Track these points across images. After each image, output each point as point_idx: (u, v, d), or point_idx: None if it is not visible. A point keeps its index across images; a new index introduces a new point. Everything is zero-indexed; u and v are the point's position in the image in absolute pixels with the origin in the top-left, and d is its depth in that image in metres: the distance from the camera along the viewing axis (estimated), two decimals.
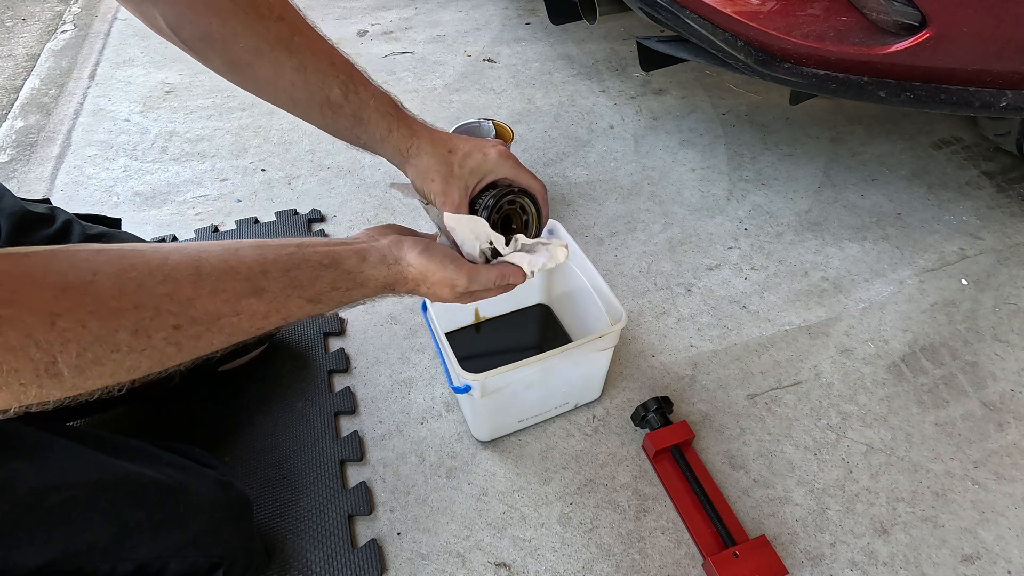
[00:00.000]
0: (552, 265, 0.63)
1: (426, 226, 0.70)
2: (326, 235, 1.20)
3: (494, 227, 0.60)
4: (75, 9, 2.00)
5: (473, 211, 0.61)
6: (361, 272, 0.52)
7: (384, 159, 0.63)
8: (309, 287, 0.49)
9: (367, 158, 1.33)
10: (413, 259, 0.55)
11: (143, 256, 0.41)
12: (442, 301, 0.58)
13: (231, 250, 0.45)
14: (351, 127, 0.60)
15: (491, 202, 0.60)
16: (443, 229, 0.62)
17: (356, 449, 0.87)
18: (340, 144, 0.65)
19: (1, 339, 0.33)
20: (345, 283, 0.51)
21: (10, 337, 0.33)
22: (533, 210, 0.64)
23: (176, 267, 0.42)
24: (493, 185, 0.62)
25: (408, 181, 0.64)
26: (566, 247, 0.64)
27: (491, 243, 0.60)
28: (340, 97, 0.59)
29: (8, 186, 0.76)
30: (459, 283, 0.56)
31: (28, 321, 0.34)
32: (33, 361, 0.34)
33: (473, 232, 0.59)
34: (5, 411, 0.36)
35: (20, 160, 1.37)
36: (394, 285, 0.55)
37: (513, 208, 0.63)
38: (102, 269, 0.38)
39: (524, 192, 0.62)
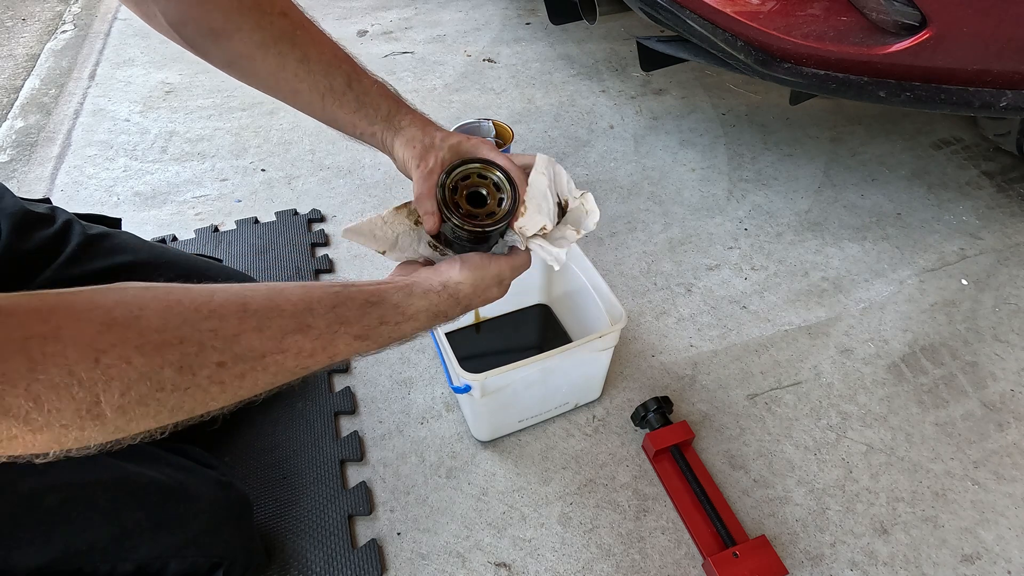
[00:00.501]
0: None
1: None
2: (326, 235, 1.20)
3: (459, 199, 0.57)
4: (75, 9, 2.00)
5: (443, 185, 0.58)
6: (410, 305, 0.52)
7: (382, 155, 0.63)
8: (356, 323, 0.48)
9: (367, 158, 1.33)
10: (457, 276, 0.55)
11: (189, 293, 0.40)
12: (493, 301, 0.59)
13: (276, 289, 0.45)
14: (350, 113, 0.60)
15: (457, 166, 0.57)
16: (430, 244, 0.61)
17: (356, 449, 0.87)
18: (340, 144, 0.65)
19: (44, 376, 0.32)
20: (394, 317, 0.50)
21: (53, 374, 0.32)
22: (508, 187, 0.60)
23: (222, 304, 0.41)
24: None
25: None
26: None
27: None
28: (343, 85, 0.60)
29: (8, 186, 0.76)
30: (504, 273, 0.57)
31: (71, 357, 0.33)
32: (75, 400, 0.33)
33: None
34: (45, 455, 0.35)
35: (20, 160, 1.37)
36: (447, 311, 0.55)
37: (485, 183, 0.59)
38: (148, 305, 0.37)
39: (498, 169, 0.58)
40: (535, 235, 0.59)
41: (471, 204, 0.57)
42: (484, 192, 0.58)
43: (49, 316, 0.33)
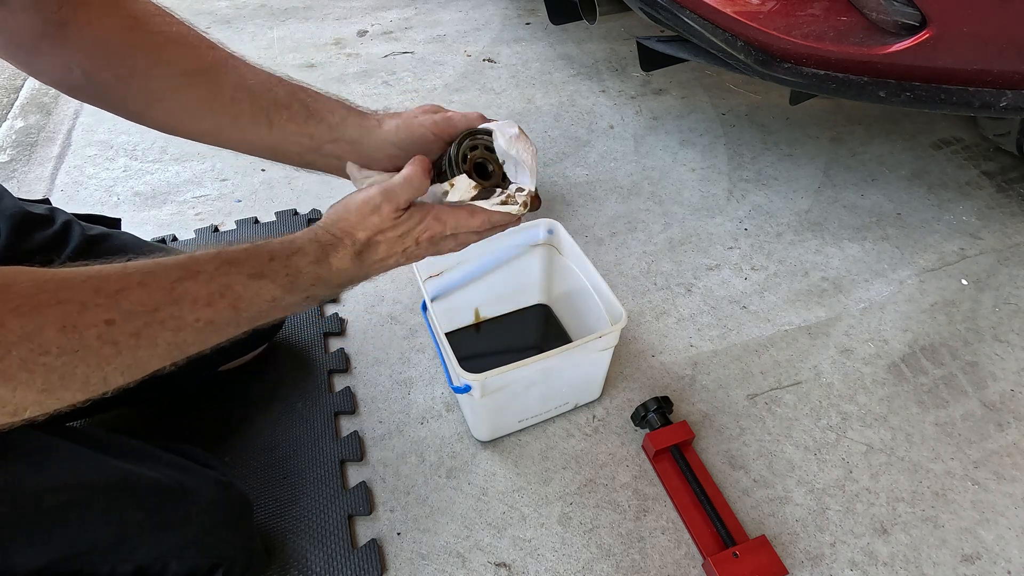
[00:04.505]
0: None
1: None
2: None
3: (467, 168, 0.56)
4: None
5: (440, 169, 0.58)
6: (292, 240, 0.51)
7: (333, 163, 0.61)
8: (244, 262, 0.47)
9: None
10: (329, 212, 0.53)
11: (65, 268, 0.39)
12: (401, 247, 0.54)
13: (155, 259, 0.44)
14: (302, 123, 0.58)
15: (461, 140, 0.56)
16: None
17: (356, 449, 0.87)
18: None
19: None
20: (281, 251, 0.49)
21: None
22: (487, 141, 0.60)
23: (102, 268, 0.40)
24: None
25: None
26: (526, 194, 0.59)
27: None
28: (287, 95, 0.58)
29: (8, 186, 0.76)
30: (375, 199, 0.51)
31: None
32: None
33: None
34: None
35: (20, 160, 1.37)
36: (332, 244, 0.51)
37: (492, 156, 0.59)
38: (20, 274, 0.36)
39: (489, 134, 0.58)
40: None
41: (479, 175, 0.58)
42: (490, 167, 0.59)
43: None
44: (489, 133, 0.58)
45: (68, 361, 0.36)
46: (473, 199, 0.57)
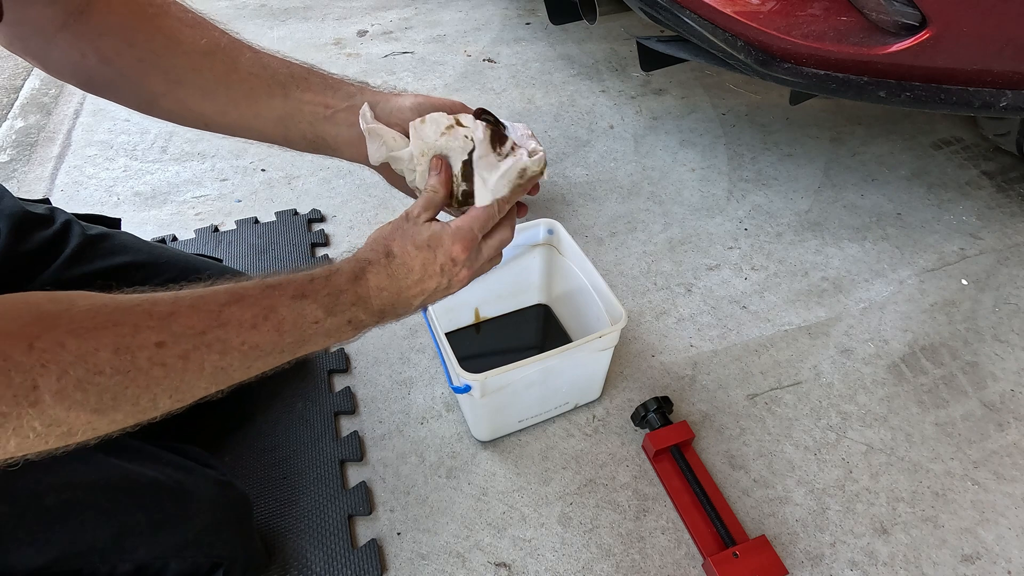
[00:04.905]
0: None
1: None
2: (326, 235, 1.20)
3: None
4: None
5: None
6: (332, 263, 0.52)
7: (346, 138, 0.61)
8: (287, 285, 0.47)
9: None
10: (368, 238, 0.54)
11: (120, 293, 0.41)
12: (429, 254, 0.53)
13: (205, 285, 0.45)
14: (318, 92, 0.58)
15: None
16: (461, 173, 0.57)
17: (356, 449, 0.87)
18: None
19: None
20: (322, 273, 0.50)
21: None
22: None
23: (153, 294, 0.41)
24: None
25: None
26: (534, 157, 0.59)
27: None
28: (304, 71, 0.59)
29: (8, 186, 0.76)
30: (399, 219, 0.54)
31: (5, 344, 0.33)
32: (13, 386, 0.33)
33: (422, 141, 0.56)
34: None
35: (20, 160, 1.37)
36: (366, 259, 0.52)
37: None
38: (77, 299, 0.38)
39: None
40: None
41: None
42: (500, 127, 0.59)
43: None
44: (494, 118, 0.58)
45: (120, 381, 0.37)
46: (493, 151, 0.56)
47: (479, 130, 0.56)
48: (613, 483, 0.85)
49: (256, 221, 1.22)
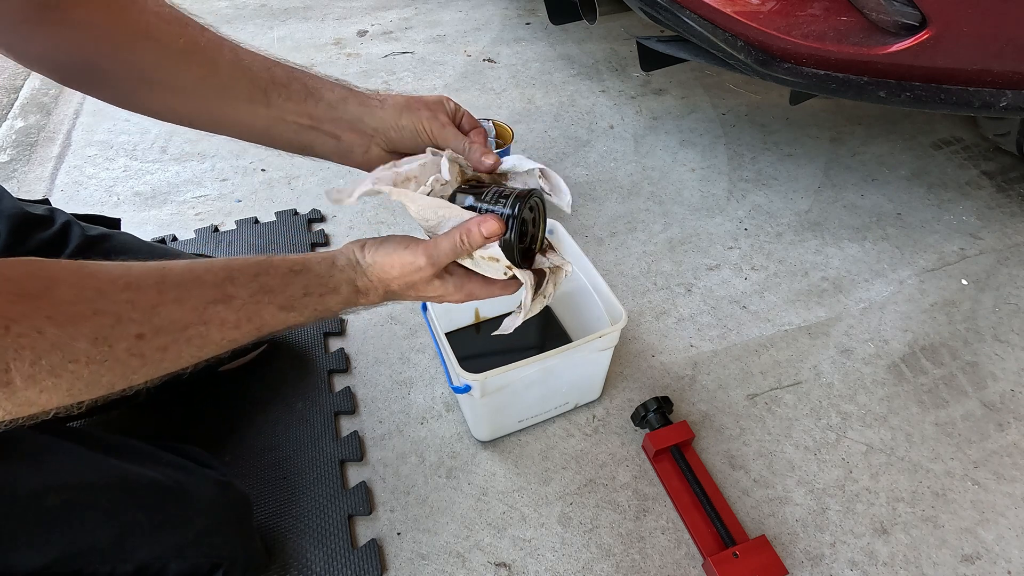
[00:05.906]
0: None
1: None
2: (326, 235, 1.20)
3: (517, 245, 0.53)
4: None
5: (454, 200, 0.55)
6: (331, 276, 0.50)
7: (333, 144, 0.60)
8: (280, 292, 0.47)
9: None
10: (369, 257, 0.51)
11: (104, 267, 0.39)
12: (427, 298, 0.54)
13: (197, 262, 0.44)
14: (300, 102, 0.57)
15: (517, 211, 0.51)
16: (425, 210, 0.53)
17: (356, 449, 0.87)
18: None
19: None
20: (317, 288, 0.49)
21: None
22: (541, 206, 0.56)
23: (139, 276, 0.40)
24: (479, 183, 0.56)
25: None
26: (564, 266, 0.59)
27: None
28: (285, 75, 0.57)
29: (8, 186, 0.76)
30: (419, 262, 0.51)
31: None
32: None
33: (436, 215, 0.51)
34: None
35: (20, 160, 1.37)
36: (365, 291, 0.52)
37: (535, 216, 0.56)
38: (60, 277, 0.37)
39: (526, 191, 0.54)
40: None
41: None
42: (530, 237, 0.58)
43: None
44: (534, 195, 0.54)
45: (96, 370, 0.37)
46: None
47: (444, 168, 0.54)
48: (613, 483, 0.85)
49: (256, 221, 1.22)
